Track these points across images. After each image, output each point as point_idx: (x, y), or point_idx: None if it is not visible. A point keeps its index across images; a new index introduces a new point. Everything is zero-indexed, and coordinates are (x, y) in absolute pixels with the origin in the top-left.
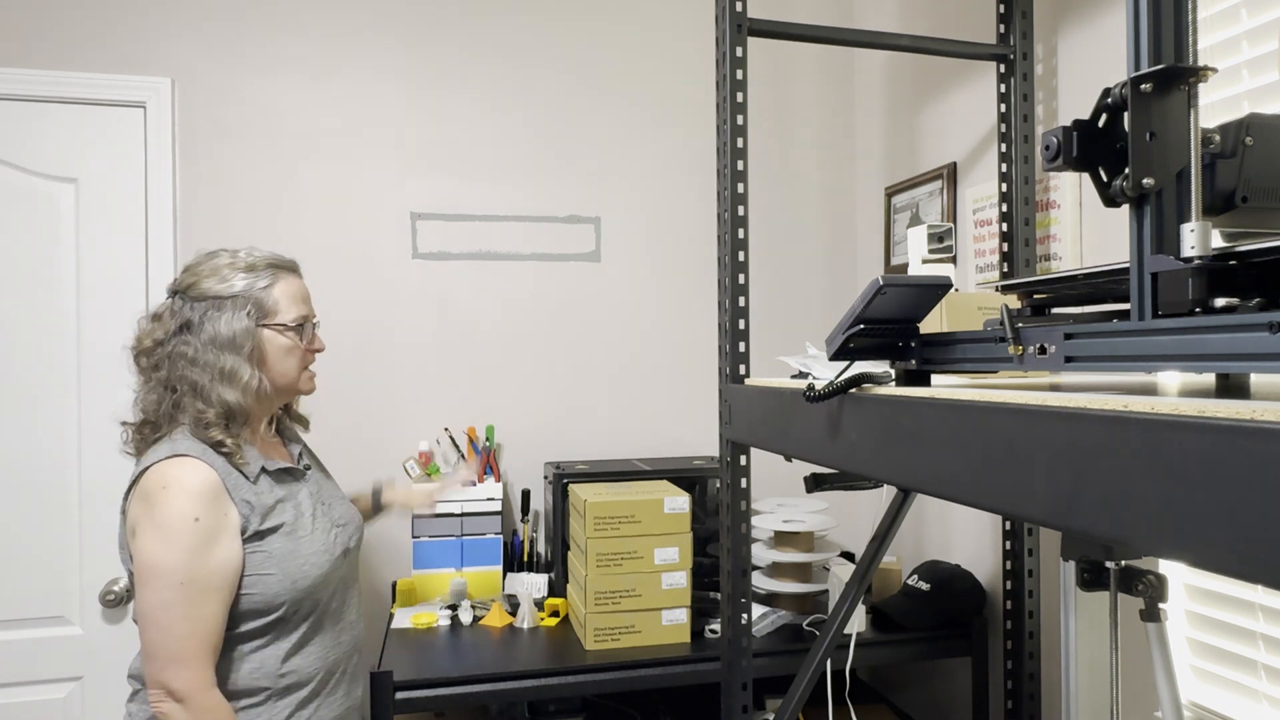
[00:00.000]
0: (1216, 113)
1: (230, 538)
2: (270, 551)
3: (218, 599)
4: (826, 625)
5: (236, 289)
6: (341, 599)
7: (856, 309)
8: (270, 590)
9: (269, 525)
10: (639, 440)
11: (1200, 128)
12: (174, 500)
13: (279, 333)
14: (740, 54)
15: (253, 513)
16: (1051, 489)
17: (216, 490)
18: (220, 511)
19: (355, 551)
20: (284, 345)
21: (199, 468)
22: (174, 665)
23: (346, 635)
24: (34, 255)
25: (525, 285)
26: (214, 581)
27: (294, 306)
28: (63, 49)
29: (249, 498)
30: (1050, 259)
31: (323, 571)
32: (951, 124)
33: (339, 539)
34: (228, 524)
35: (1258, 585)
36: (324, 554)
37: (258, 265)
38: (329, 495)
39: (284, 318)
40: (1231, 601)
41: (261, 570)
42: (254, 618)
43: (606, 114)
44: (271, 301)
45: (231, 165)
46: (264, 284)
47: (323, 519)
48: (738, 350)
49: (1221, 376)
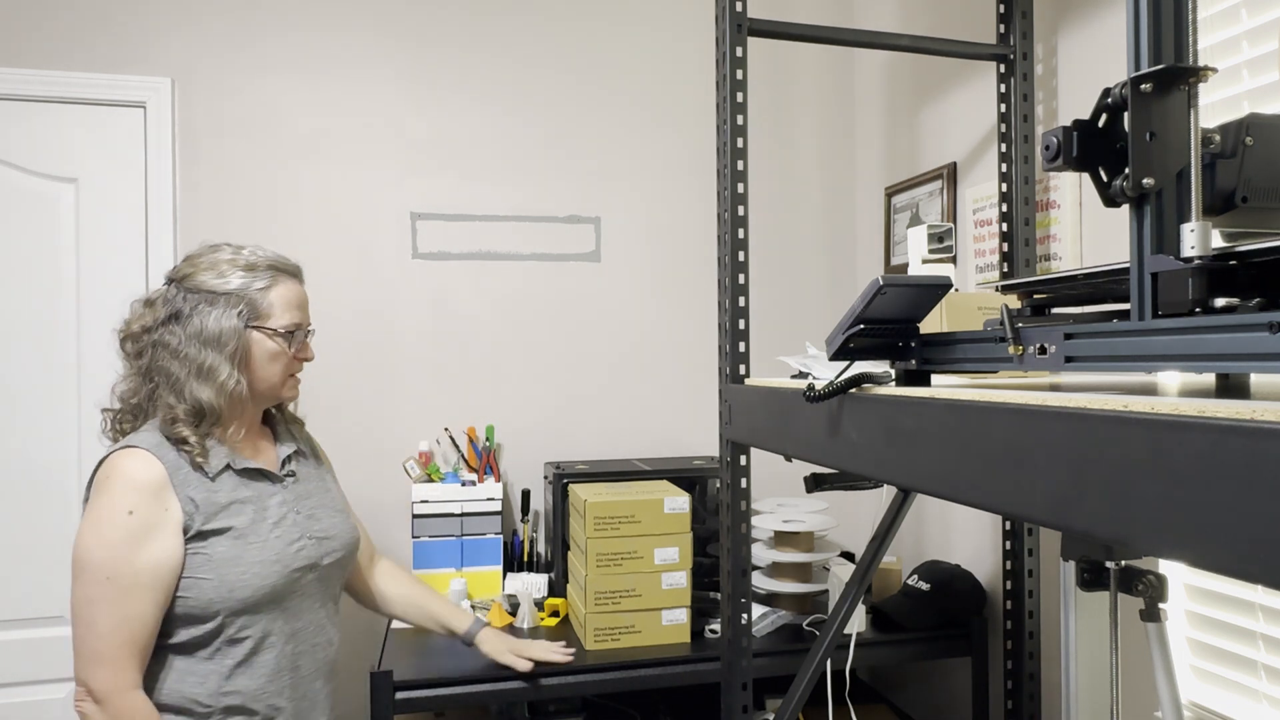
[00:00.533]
0: (1216, 113)
1: (168, 534)
2: (210, 554)
3: (147, 598)
4: (826, 625)
5: (231, 286)
6: (308, 618)
7: (856, 309)
8: (204, 596)
9: (215, 526)
10: (639, 440)
11: (1200, 128)
12: (113, 492)
13: (268, 337)
14: (740, 54)
15: (197, 511)
16: (1051, 489)
17: (159, 484)
18: (160, 506)
19: (333, 570)
20: (270, 350)
21: (145, 460)
22: (95, 663)
23: (308, 659)
24: (34, 255)
25: (525, 285)
26: (143, 579)
27: (288, 312)
28: (63, 49)
29: (197, 495)
30: (1050, 259)
31: (268, 583)
32: (951, 124)
33: (304, 552)
34: (167, 520)
35: (1258, 585)
36: (274, 564)
37: (258, 265)
38: (316, 505)
39: (276, 322)
40: (1231, 601)
41: (198, 573)
42: (188, 625)
43: (606, 114)
44: (266, 304)
45: (231, 165)
46: (261, 285)
47: (290, 528)
48: (738, 350)
49: (1221, 376)
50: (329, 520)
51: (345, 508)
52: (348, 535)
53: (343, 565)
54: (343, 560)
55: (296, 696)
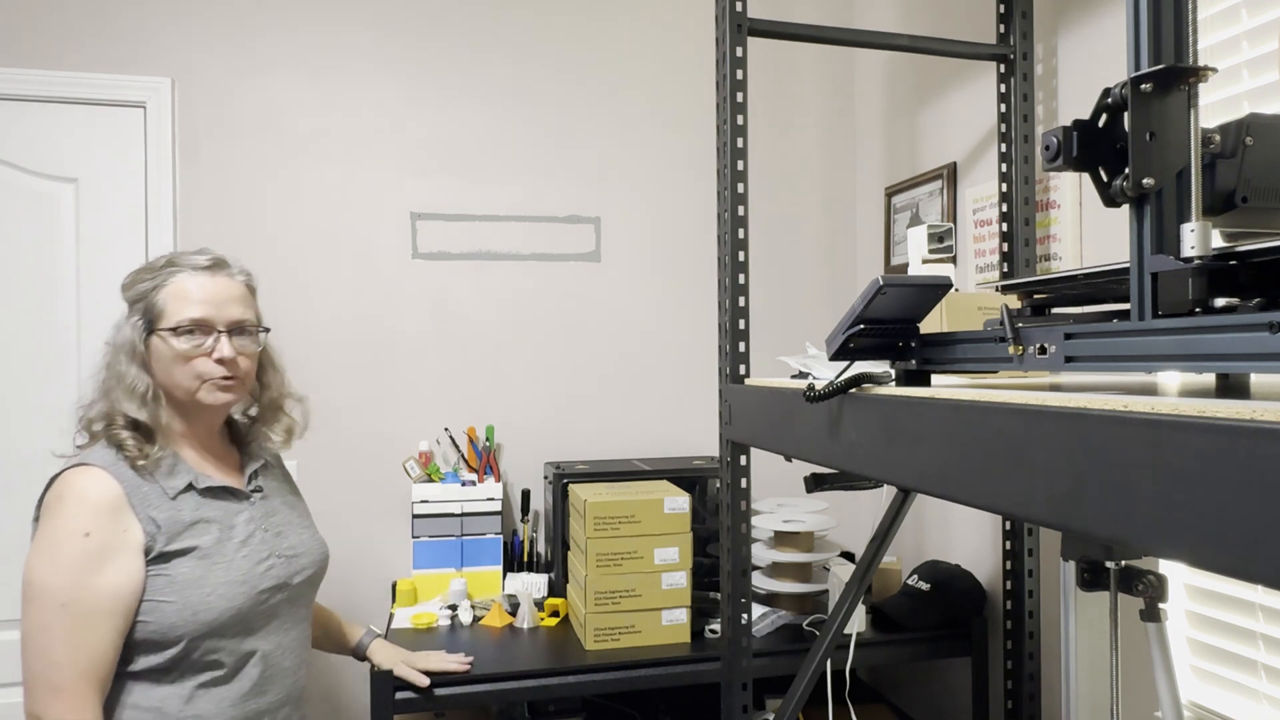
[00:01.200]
0: (1216, 113)
1: (128, 557)
2: (173, 576)
3: (106, 624)
4: (826, 625)
5: (134, 293)
6: (276, 641)
7: (856, 309)
8: (166, 620)
9: (178, 547)
10: (639, 440)
11: (1200, 128)
12: (66, 512)
13: (163, 339)
14: (740, 54)
15: (159, 532)
16: (1051, 489)
17: (116, 504)
18: (119, 527)
19: (304, 589)
20: (168, 353)
21: (100, 478)
22: (50, 696)
23: (276, 685)
24: (34, 255)
25: (525, 285)
26: (102, 605)
27: (184, 309)
28: (63, 49)
29: (158, 515)
30: (1050, 259)
31: (234, 605)
32: (951, 124)
33: (273, 572)
34: (126, 541)
35: (1258, 585)
36: (240, 585)
37: (156, 265)
38: (283, 522)
39: (169, 322)
40: (1231, 601)
41: (160, 596)
42: (150, 651)
43: (606, 114)
44: (159, 306)
45: (231, 165)
46: (152, 286)
47: (258, 547)
48: (738, 350)
49: (1221, 376)
50: (297, 536)
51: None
52: (318, 551)
53: (314, 583)
54: (313, 578)
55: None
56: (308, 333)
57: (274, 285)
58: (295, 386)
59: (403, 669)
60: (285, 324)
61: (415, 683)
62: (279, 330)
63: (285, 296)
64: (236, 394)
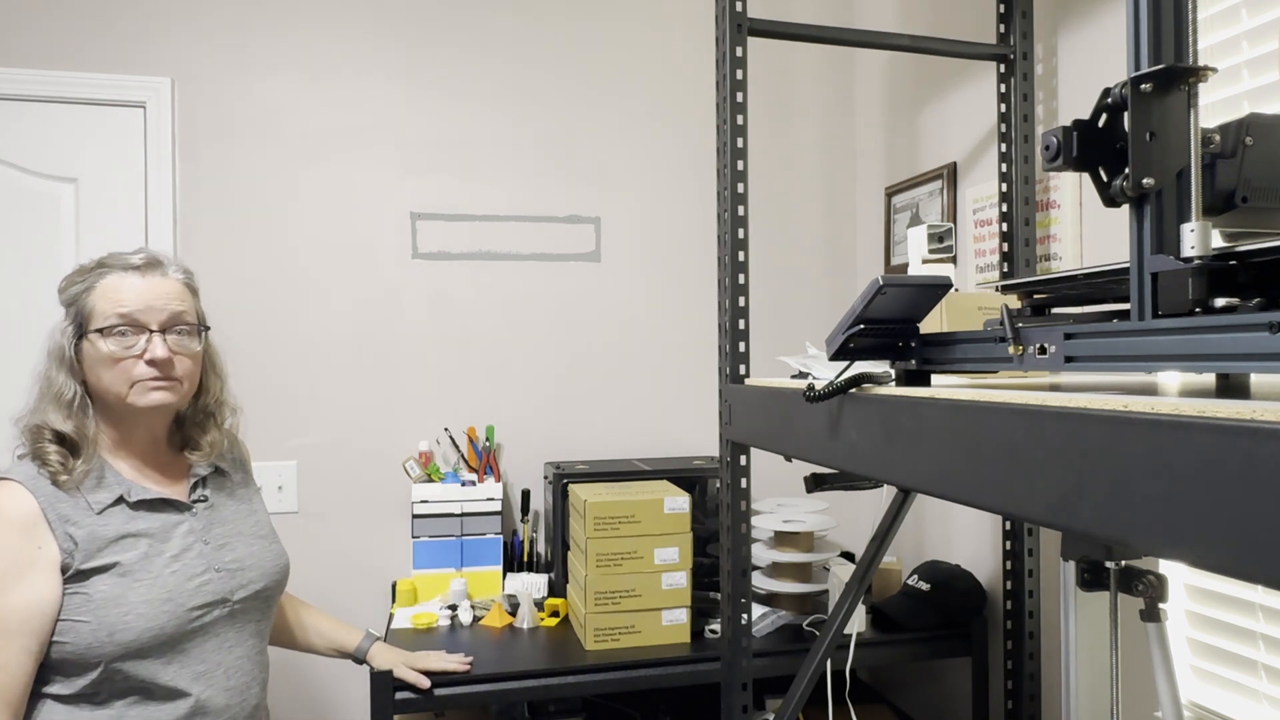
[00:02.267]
0: (1216, 113)
1: (42, 574)
2: (90, 595)
3: (16, 644)
4: (826, 625)
5: (66, 296)
6: (216, 660)
7: (856, 309)
8: (82, 642)
9: (97, 564)
10: (639, 440)
11: (1200, 128)
12: None
13: (92, 342)
14: (740, 54)
15: (77, 549)
16: (1051, 489)
17: (30, 520)
18: (32, 544)
19: (251, 604)
20: (97, 356)
21: (15, 493)
22: None
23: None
24: (34, 255)
25: (525, 285)
26: (10, 624)
27: (112, 309)
28: (63, 49)
29: (77, 531)
30: (1050, 259)
31: (155, 625)
32: (951, 124)
33: (208, 587)
34: (40, 559)
35: (1258, 585)
36: (163, 604)
37: (87, 266)
38: (230, 534)
39: (98, 323)
40: (1231, 601)
41: (76, 616)
42: (69, 674)
43: (606, 114)
44: (89, 307)
45: (231, 165)
46: (83, 288)
47: (193, 561)
48: (738, 350)
49: (1221, 376)
50: (246, 549)
51: (273, 536)
52: (270, 564)
53: (264, 597)
54: (264, 592)
55: None
56: (307, 333)
57: (274, 285)
58: (235, 397)
59: (403, 670)
60: (285, 324)
61: (416, 684)
62: (280, 329)
63: (285, 296)
64: (173, 395)
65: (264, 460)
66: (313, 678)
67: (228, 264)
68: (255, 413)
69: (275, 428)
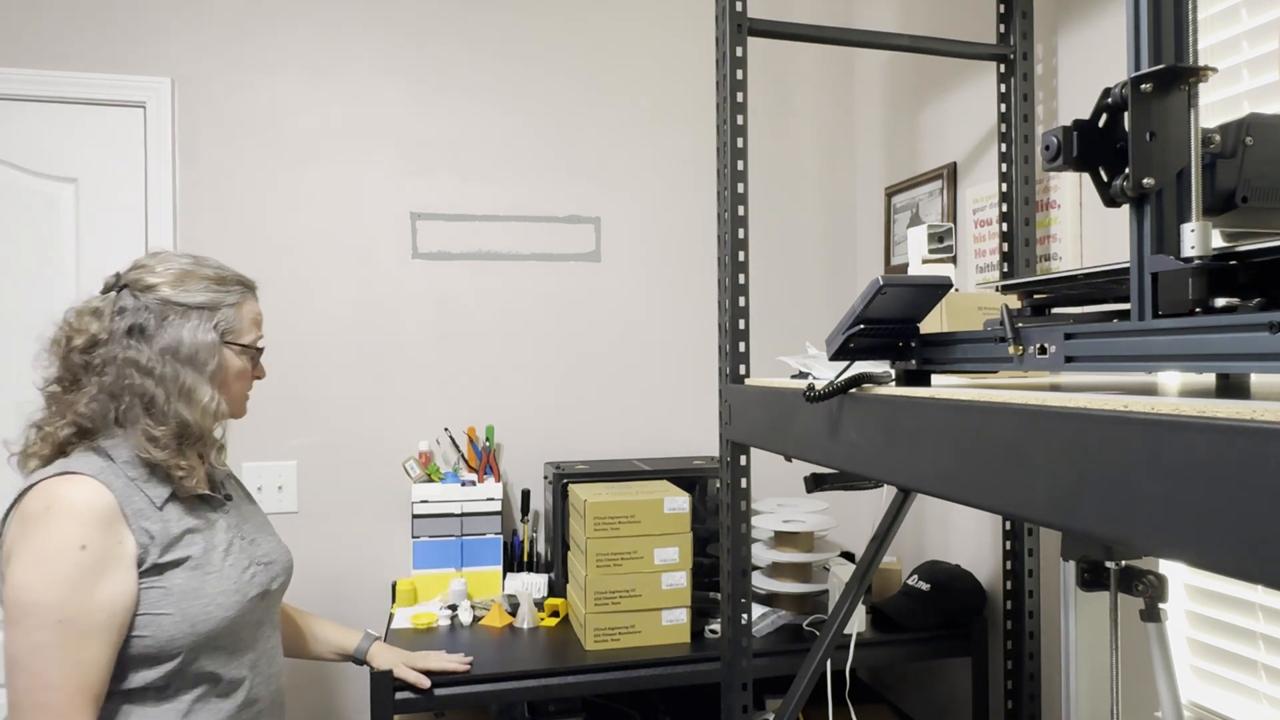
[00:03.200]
0: (1216, 113)
1: (123, 570)
2: (169, 588)
3: (102, 641)
4: (826, 625)
5: (201, 299)
6: (261, 648)
7: (856, 309)
8: (165, 633)
9: (172, 558)
10: (639, 440)
11: (1200, 128)
12: (57, 524)
13: (237, 354)
14: (740, 54)
15: (153, 543)
16: (1051, 489)
17: (111, 515)
18: (113, 539)
19: (278, 595)
20: (238, 368)
21: (92, 488)
22: (39, 717)
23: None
24: (34, 255)
25: (525, 285)
26: (98, 620)
27: (253, 329)
28: (63, 49)
29: (150, 526)
30: (1050, 259)
31: (229, 615)
32: (951, 124)
33: (257, 579)
34: (121, 554)
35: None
36: (234, 595)
37: (228, 279)
38: (253, 529)
39: (245, 339)
40: (1231, 601)
41: (157, 609)
42: (146, 666)
43: (606, 114)
44: (239, 320)
45: (231, 165)
46: (233, 300)
47: (239, 555)
48: (738, 350)
49: (1221, 376)
50: (268, 544)
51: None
52: (285, 558)
53: (284, 588)
54: (285, 583)
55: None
56: (308, 332)
57: (274, 285)
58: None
59: (403, 670)
60: (285, 324)
61: (416, 684)
62: (280, 330)
63: (285, 296)
64: None
65: (264, 460)
66: (314, 678)
67: (227, 264)
68: (256, 413)
69: (275, 428)
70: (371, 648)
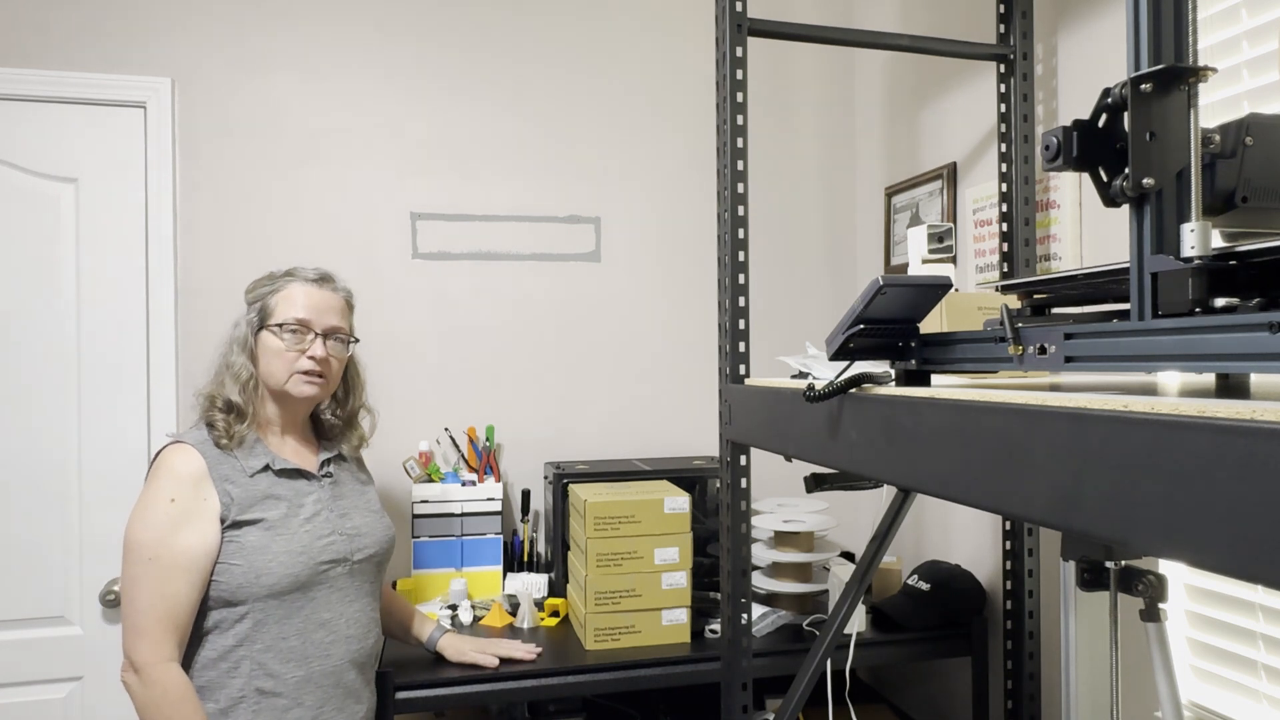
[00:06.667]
0: (1216, 113)
1: (206, 522)
2: (242, 543)
3: (185, 579)
4: (826, 625)
5: (254, 295)
6: (339, 610)
7: (856, 309)
8: (234, 581)
9: (248, 518)
10: (639, 440)
11: (1200, 128)
12: (157, 481)
13: (271, 334)
14: (740, 54)
15: (233, 503)
16: (1051, 489)
17: (199, 475)
18: (199, 496)
19: (366, 566)
20: (274, 347)
21: (187, 453)
22: (135, 636)
23: (343, 649)
24: (34, 255)
25: (525, 285)
26: (181, 560)
27: (290, 310)
28: (63, 49)
29: (234, 489)
30: (1050, 259)
31: (291, 571)
32: (951, 124)
33: (332, 546)
34: (205, 509)
35: (1258, 585)
36: (299, 555)
37: (276, 274)
38: (350, 506)
39: (277, 320)
40: (1231, 601)
41: (231, 560)
42: (221, 608)
43: (606, 114)
44: (272, 305)
45: (232, 165)
46: (269, 289)
47: (321, 524)
48: (738, 350)
49: (1221, 376)
50: (362, 520)
51: (382, 512)
52: (381, 534)
53: (376, 562)
54: (376, 557)
55: (328, 684)
56: None
57: None
58: (370, 400)
59: (473, 655)
60: None
61: (485, 665)
62: None
63: None
64: (321, 390)
65: None
66: None
67: (227, 264)
68: None
69: None
70: (442, 639)
